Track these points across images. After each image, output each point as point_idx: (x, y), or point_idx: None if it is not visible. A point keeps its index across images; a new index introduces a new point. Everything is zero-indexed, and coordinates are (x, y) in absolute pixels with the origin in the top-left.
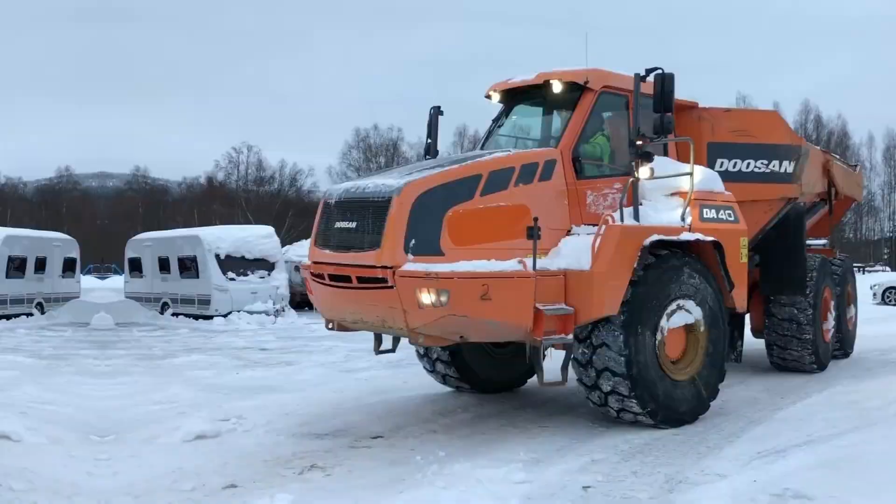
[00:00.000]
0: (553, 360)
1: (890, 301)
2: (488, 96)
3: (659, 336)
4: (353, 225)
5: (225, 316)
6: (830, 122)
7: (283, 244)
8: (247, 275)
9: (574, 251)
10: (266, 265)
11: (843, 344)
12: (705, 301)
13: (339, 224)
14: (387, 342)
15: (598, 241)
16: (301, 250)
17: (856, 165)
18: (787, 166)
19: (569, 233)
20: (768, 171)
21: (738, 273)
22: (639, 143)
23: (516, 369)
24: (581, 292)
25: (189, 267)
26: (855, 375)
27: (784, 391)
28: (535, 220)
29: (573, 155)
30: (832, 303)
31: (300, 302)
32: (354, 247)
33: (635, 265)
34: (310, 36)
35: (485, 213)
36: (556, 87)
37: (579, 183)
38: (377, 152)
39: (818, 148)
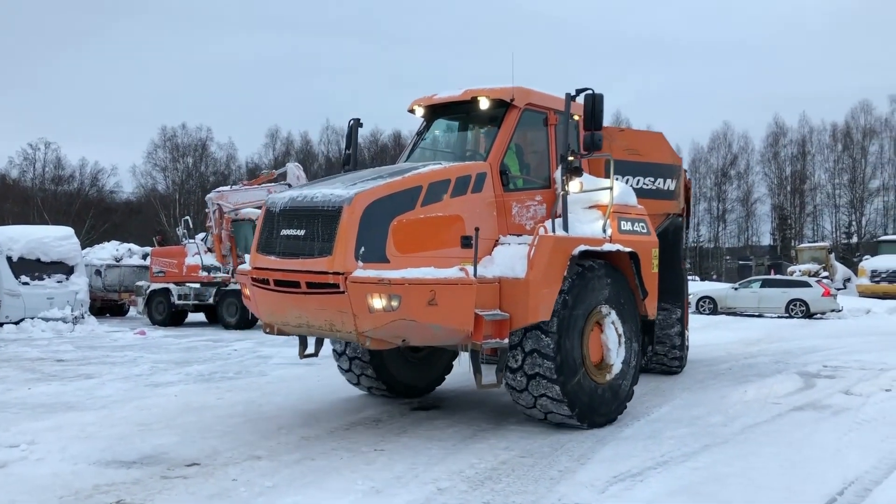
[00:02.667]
0: (460, 366)
1: (703, 310)
2: (411, 110)
3: (584, 341)
4: (301, 233)
5: (17, 323)
6: None
7: (84, 246)
8: (43, 279)
9: (508, 260)
10: (64, 268)
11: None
12: (623, 308)
13: (285, 231)
14: (311, 347)
15: (533, 250)
16: (104, 253)
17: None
18: (670, 184)
19: (496, 242)
20: (654, 188)
21: (651, 282)
22: (570, 158)
23: (429, 373)
24: (516, 299)
25: None
26: (688, 388)
27: None
28: (477, 230)
29: (501, 168)
30: (688, 311)
31: (101, 308)
32: (303, 254)
33: (565, 274)
34: (117, 32)
35: (425, 223)
36: (484, 103)
37: (505, 195)
38: (185, 152)
39: None
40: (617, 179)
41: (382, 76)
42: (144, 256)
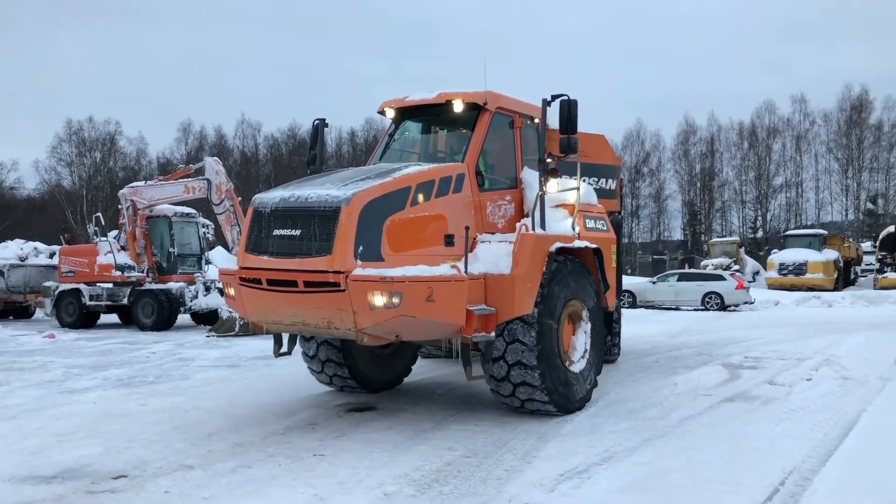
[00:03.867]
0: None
1: (623, 304)
2: (382, 112)
3: (559, 333)
4: (296, 233)
5: None
6: None
7: None
8: None
9: (492, 257)
10: None
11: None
12: (589, 301)
13: (278, 231)
14: (286, 347)
15: (516, 247)
16: (7, 252)
17: None
18: (611, 184)
19: (475, 240)
20: (597, 187)
21: (611, 276)
22: (548, 160)
23: (396, 368)
24: (502, 294)
25: None
26: (620, 382)
27: None
28: (467, 228)
29: (476, 169)
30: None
31: (5, 310)
32: (300, 253)
33: (544, 269)
34: (16, 19)
35: (414, 222)
36: (458, 106)
37: (481, 195)
38: (92, 146)
39: None
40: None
41: (297, 71)
42: (52, 255)
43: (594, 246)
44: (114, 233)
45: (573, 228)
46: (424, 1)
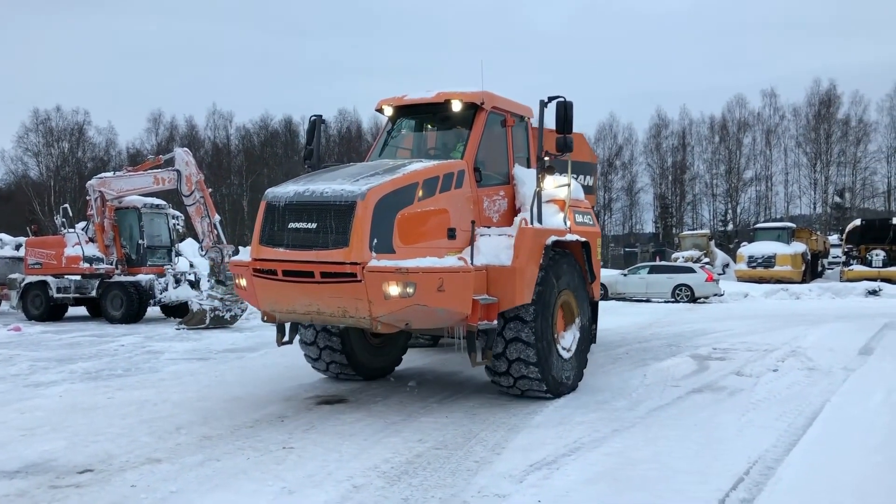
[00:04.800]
0: None
1: None
2: (380, 110)
3: (554, 320)
4: (312, 226)
5: None
6: None
7: None
8: None
9: (493, 249)
10: None
11: None
12: (579, 290)
13: (293, 225)
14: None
15: (517, 240)
16: None
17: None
18: (589, 180)
19: (475, 234)
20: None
21: (597, 268)
22: (546, 158)
23: (389, 356)
24: (504, 284)
25: None
26: (591, 372)
27: None
28: (473, 222)
29: (474, 166)
30: None
31: None
32: (316, 245)
33: (541, 261)
34: None
35: (421, 216)
36: (456, 105)
37: (479, 190)
38: (60, 136)
39: None
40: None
41: (269, 62)
42: (18, 247)
43: (584, 239)
44: (82, 224)
45: (565, 223)
46: None
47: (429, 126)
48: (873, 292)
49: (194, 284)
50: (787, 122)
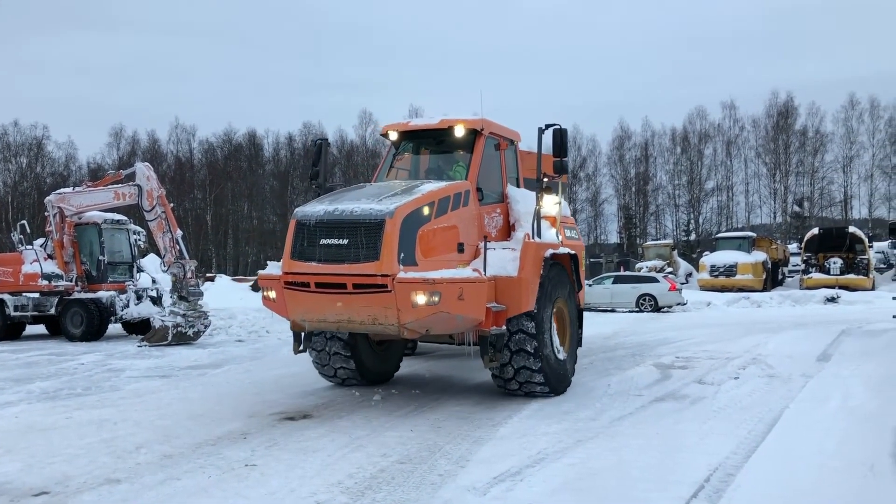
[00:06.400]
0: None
1: None
2: (384, 134)
3: (551, 325)
4: (344, 241)
5: None
6: None
7: None
8: None
9: (499, 262)
10: None
11: None
12: (570, 298)
13: (325, 241)
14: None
15: (522, 253)
16: None
17: None
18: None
19: (477, 248)
20: None
21: (582, 278)
22: (545, 179)
23: (391, 362)
24: (511, 293)
25: None
26: None
27: (493, 403)
28: (485, 238)
29: (476, 186)
30: None
31: None
32: (348, 259)
33: (541, 272)
34: None
35: (437, 232)
36: (459, 131)
37: (481, 208)
38: (17, 151)
39: None
40: None
41: (233, 76)
42: None
43: (573, 252)
44: (40, 241)
45: (557, 237)
46: (357, 6)
47: (427, 149)
48: (832, 299)
49: (156, 301)
50: (746, 133)
